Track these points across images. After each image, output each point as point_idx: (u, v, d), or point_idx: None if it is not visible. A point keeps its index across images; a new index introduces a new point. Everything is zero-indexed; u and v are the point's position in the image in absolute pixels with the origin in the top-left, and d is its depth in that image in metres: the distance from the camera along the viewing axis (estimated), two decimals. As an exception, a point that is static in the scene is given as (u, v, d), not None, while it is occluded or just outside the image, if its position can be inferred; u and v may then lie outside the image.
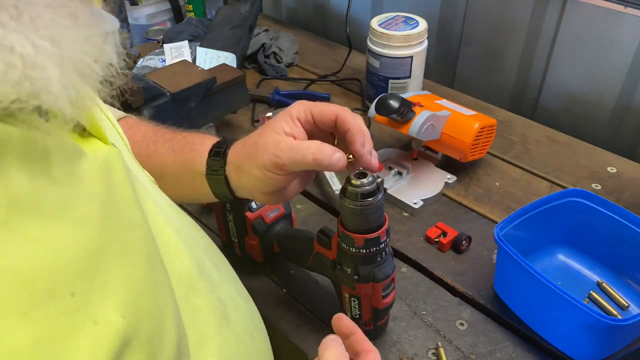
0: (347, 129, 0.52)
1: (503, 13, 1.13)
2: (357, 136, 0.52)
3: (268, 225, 0.72)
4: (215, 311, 0.43)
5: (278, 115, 0.54)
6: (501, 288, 0.71)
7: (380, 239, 0.57)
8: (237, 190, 0.57)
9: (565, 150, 0.99)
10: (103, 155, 0.34)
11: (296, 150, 0.51)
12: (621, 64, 1.00)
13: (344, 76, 1.22)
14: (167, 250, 0.40)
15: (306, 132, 0.54)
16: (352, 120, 0.52)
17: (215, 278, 0.46)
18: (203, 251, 0.47)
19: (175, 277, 0.39)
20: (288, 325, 0.69)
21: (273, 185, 0.53)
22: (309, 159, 0.50)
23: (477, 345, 0.66)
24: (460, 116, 0.88)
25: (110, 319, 0.27)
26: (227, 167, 0.55)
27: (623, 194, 0.89)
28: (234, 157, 0.55)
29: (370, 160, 0.53)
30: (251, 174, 0.53)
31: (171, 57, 1.16)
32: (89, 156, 0.33)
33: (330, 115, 0.53)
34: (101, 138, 0.36)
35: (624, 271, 0.73)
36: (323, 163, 0.50)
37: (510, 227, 0.69)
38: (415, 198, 0.86)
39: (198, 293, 0.42)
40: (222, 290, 0.46)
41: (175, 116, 0.90)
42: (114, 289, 0.28)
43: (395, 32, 0.99)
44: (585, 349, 0.63)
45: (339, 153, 0.51)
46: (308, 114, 0.53)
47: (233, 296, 0.49)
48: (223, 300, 0.45)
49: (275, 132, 0.52)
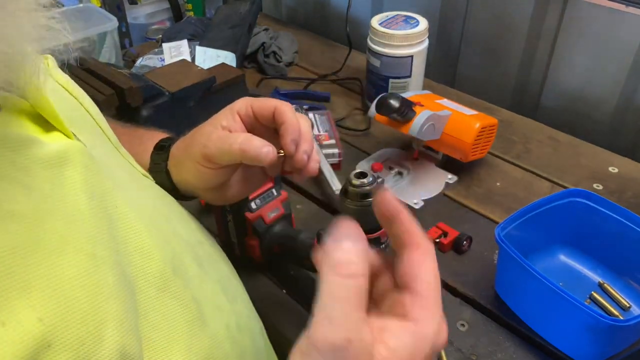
0: (281, 122, 0.51)
1: (504, 12, 1.13)
2: (289, 131, 0.50)
3: (268, 226, 0.71)
4: (187, 311, 0.41)
5: (221, 110, 0.53)
6: (502, 289, 0.71)
7: (380, 239, 0.56)
8: (179, 186, 0.55)
9: (567, 150, 0.99)
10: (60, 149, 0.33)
11: (224, 140, 0.49)
12: (623, 63, 1.00)
13: (344, 76, 1.21)
14: (135, 247, 0.38)
15: (247, 127, 0.53)
16: (289, 115, 0.50)
17: (194, 277, 0.44)
18: (187, 247, 0.46)
19: (144, 275, 0.38)
20: (288, 325, 0.69)
21: (208, 180, 0.52)
22: (235, 148, 0.48)
23: (478, 346, 0.66)
24: (461, 116, 0.87)
25: (22, 322, 0.26)
26: (170, 161, 0.54)
27: (625, 194, 0.88)
28: (175, 150, 0.55)
29: (305, 161, 0.51)
30: (186, 167, 0.52)
31: (170, 57, 1.15)
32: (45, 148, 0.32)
33: (268, 108, 0.51)
34: (63, 130, 0.35)
35: (625, 272, 0.73)
36: (249, 154, 0.48)
37: (512, 228, 0.69)
38: (415, 198, 0.86)
39: (170, 292, 0.40)
40: (200, 289, 0.45)
41: (175, 116, 0.90)
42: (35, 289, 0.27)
43: (396, 32, 0.98)
44: (587, 349, 0.62)
45: (269, 147, 0.48)
46: (249, 108, 0.52)
47: (215, 296, 0.47)
48: (199, 300, 0.43)
49: (212, 125, 0.52)
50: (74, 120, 0.38)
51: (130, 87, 0.84)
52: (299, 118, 0.51)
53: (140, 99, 0.86)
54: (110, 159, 0.43)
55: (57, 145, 0.33)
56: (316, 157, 0.52)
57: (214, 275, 0.49)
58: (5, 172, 0.29)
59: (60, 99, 0.42)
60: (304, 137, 0.51)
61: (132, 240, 0.38)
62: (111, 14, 1.16)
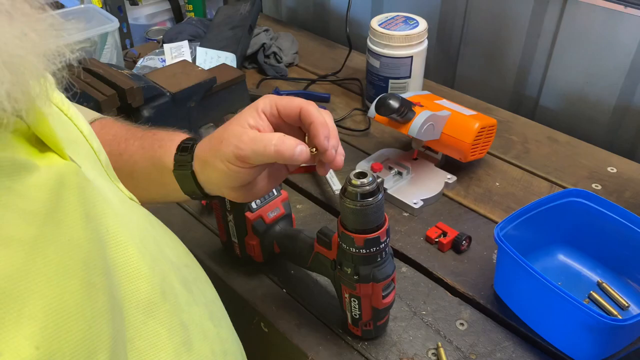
0: (310, 122, 0.52)
1: (503, 13, 1.13)
2: (320, 129, 0.51)
3: (268, 225, 0.72)
4: (175, 337, 0.41)
5: (244, 109, 0.54)
6: (501, 288, 0.71)
7: (380, 239, 0.57)
8: (205, 186, 0.56)
9: (566, 150, 0.99)
10: (56, 171, 0.33)
11: (258, 141, 0.50)
12: (621, 64, 1.00)
13: (344, 76, 1.22)
14: (126, 271, 0.38)
15: (272, 125, 0.54)
16: (316, 114, 0.52)
17: (182, 301, 0.44)
18: (176, 271, 0.46)
19: (132, 300, 0.37)
20: (288, 325, 0.69)
21: (238, 179, 0.53)
22: (271, 150, 0.49)
23: (477, 345, 0.66)
24: (460, 116, 0.87)
25: (19, 350, 0.25)
26: (194, 162, 0.55)
27: (623, 194, 0.89)
28: (200, 151, 0.55)
29: (334, 156, 0.52)
30: (216, 168, 0.53)
31: (171, 57, 1.16)
32: (41, 172, 0.31)
33: (294, 108, 0.53)
34: (58, 152, 0.34)
35: (624, 271, 0.73)
36: (285, 154, 0.49)
37: (511, 227, 0.69)
38: (415, 198, 0.86)
39: (158, 318, 0.39)
40: (188, 314, 0.44)
41: (175, 116, 0.90)
42: (31, 317, 0.27)
43: (395, 32, 0.99)
44: (586, 349, 0.63)
45: (302, 145, 0.50)
46: (274, 107, 0.53)
47: (202, 320, 0.47)
48: (187, 325, 0.43)
49: (239, 124, 0.52)
50: (67, 141, 0.37)
51: (131, 88, 0.84)
52: (323, 115, 0.53)
53: (141, 99, 0.86)
54: (101, 180, 0.43)
55: (54, 168, 0.33)
56: (342, 150, 0.53)
57: (201, 299, 0.49)
58: (2, 199, 0.28)
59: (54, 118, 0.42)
60: (332, 133, 0.52)
61: (122, 264, 0.37)
62: (112, 15, 1.16)
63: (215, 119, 0.99)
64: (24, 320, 0.26)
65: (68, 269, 0.30)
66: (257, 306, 0.72)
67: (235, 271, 0.77)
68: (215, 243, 0.81)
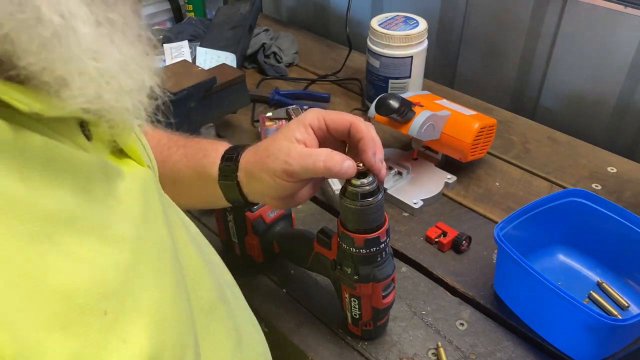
0: (360, 138, 0.53)
1: (503, 13, 1.13)
2: (370, 145, 0.52)
3: (268, 225, 0.72)
4: (231, 338, 0.43)
5: (292, 122, 0.55)
6: (501, 288, 0.71)
7: (380, 239, 0.57)
8: (249, 195, 0.57)
9: (566, 150, 0.99)
10: (140, 177, 0.35)
11: (306, 157, 0.51)
12: (621, 64, 1.00)
13: (344, 76, 1.22)
14: (191, 273, 0.40)
15: (318, 139, 0.54)
16: (365, 130, 0.53)
17: (232, 304, 0.46)
18: (221, 275, 0.48)
19: (197, 301, 0.39)
20: (288, 325, 0.69)
21: (284, 191, 0.53)
22: (320, 166, 0.50)
23: (477, 345, 0.66)
24: (460, 116, 0.88)
25: (138, 339, 0.28)
26: (239, 172, 0.56)
27: (623, 194, 0.89)
28: (245, 163, 0.56)
29: (380, 169, 0.53)
30: (262, 180, 0.53)
31: (171, 57, 1.16)
32: (127, 177, 0.33)
33: (344, 123, 0.53)
34: (136, 159, 0.36)
35: (624, 271, 0.73)
36: (333, 170, 0.50)
37: (511, 227, 0.69)
38: (415, 198, 0.86)
39: (217, 319, 0.42)
40: (239, 317, 0.47)
41: (175, 116, 0.90)
42: (143, 310, 0.29)
43: (395, 32, 0.99)
44: (585, 349, 0.63)
45: (350, 161, 0.51)
46: (322, 121, 0.54)
47: (246, 323, 0.49)
48: (238, 327, 0.45)
49: (287, 139, 0.53)
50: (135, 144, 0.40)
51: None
52: (369, 129, 0.54)
53: (141, 99, 0.86)
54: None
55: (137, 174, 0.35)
56: (385, 163, 0.55)
57: (242, 303, 0.51)
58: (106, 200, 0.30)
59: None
60: (379, 148, 0.54)
61: (187, 265, 0.39)
62: (112, 15, 1.16)
63: (215, 118, 0.99)
64: (138, 313, 0.28)
65: (162, 267, 0.33)
66: (257, 306, 0.72)
67: (235, 271, 0.77)
68: (215, 243, 0.80)
